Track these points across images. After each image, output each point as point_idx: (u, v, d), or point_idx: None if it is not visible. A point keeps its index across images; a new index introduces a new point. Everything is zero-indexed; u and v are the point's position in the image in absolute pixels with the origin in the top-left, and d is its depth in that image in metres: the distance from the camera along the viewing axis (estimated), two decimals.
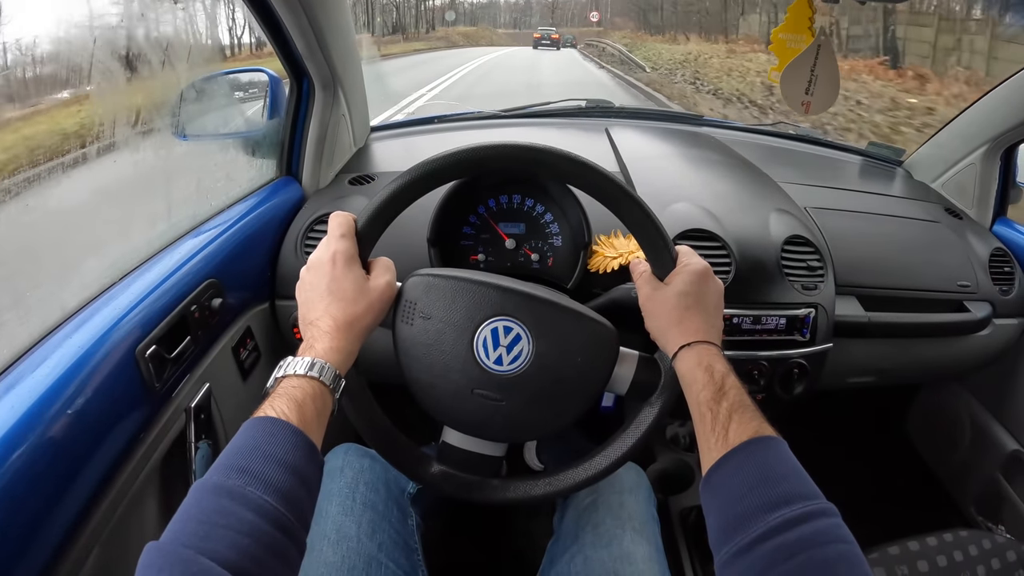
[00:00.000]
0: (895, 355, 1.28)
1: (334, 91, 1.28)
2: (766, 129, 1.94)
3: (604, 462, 0.80)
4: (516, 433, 0.84)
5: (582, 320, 0.77)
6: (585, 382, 0.78)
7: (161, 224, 1.03)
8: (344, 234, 0.74)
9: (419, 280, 0.77)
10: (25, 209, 0.88)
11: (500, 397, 0.75)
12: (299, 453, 0.57)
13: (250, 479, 0.53)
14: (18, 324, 0.76)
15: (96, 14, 0.99)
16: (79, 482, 0.71)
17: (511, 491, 0.82)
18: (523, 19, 67.56)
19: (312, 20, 1.09)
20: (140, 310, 0.84)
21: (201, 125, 1.29)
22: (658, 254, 0.80)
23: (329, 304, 0.70)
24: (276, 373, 0.65)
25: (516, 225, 1.13)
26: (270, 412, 0.59)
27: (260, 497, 0.52)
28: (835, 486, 1.11)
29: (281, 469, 0.54)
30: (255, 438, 0.57)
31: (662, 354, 0.81)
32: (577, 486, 0.81)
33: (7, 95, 0.98)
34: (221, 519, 0.50)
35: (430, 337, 0.75)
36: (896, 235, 1.34)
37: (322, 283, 0.71)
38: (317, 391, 0.63)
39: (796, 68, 1.07)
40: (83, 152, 0.98)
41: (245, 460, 0.54)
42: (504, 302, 0.74)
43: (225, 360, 1.04)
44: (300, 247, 1.17)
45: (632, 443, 0.80)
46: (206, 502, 0.51)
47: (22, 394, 0.67)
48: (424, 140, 1.63)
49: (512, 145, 0.77)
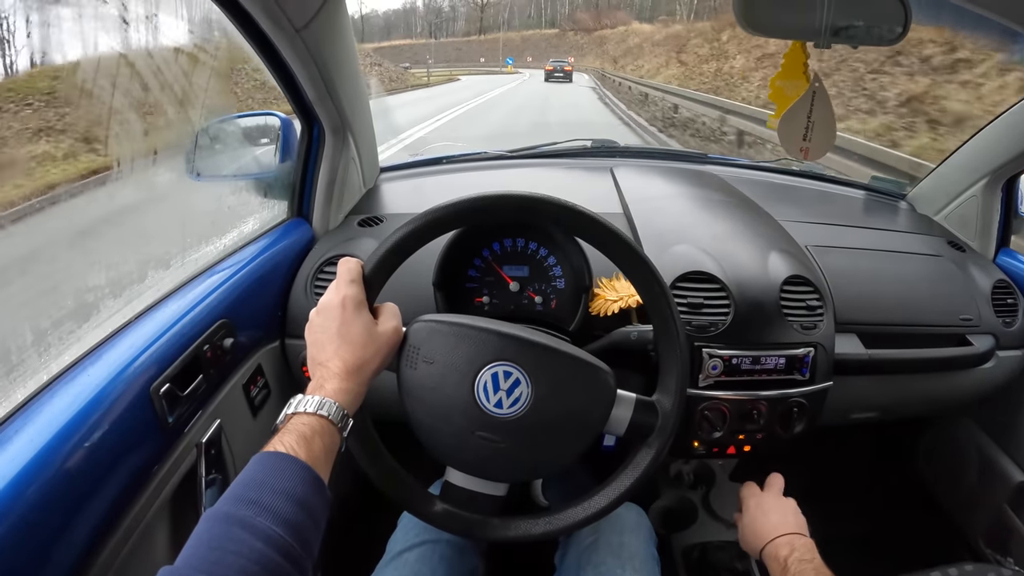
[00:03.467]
0: (897, 391, 1.28)
1: (344, 135, 1.31)
2: (769, 166, 1.95)
3: (603, 501, 0.82)
4: (516, 473, 0.86)
5: (579, 364, 0.79)
6: (583, 424, 0.80)
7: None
8: (353, 280, 0.76)
9: (423, 326, 0.79)
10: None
11: (500, 439, 0.77)
12: (307, 487, 0.59)
13: (259, 510, 0.55)
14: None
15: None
16: (92, 514, 0.72)
17: (511, 529, 0.83)
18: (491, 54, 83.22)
19: (322, 69, 1.13)
20: (155, 349, 0.86)
21: (215, 166, 1.33)
22: (652, 296, 0.82)
23: (339, 347, 0.72)
24: (286, 410, 0.67)
25: (520, 268, 1.16)
26: (280, 447, 0.61)
27: (269, 527, 0.54)
28: (844, 520, 1.11)
29: (289, 502, 0.56)
30: (265, 472, 0.59)
31: (660, 396, 0.83)
32: (576, 525, 0.83)
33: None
34: (232, 546, 0.52)
35: (433, 381, 0.77)
36: (898, 271, 1.34)
37: (332, 326, 0.73)
38: (325, 428, 0.65)
39: (793, 115, 1.09)
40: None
41: (255, 492, 0.56)
42: (504, 347, 0.77)
43: (236, 397, 1.06)
44: (310, 288, 1.19)
45: (630, 483, 0.82)
46: (217, 530, 0.53)
47: (40, 427, 0.69)
48: (432, 181, 1.66)
49: (511, 195, 0.80)
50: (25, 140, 1.10)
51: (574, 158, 1.87)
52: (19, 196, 0.96)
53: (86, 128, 1.10)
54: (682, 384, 0.83)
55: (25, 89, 1.07)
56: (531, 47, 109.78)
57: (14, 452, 0.66)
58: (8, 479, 0.63)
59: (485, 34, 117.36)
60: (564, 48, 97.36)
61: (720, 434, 1.08)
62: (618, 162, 1.77)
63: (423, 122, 12.55)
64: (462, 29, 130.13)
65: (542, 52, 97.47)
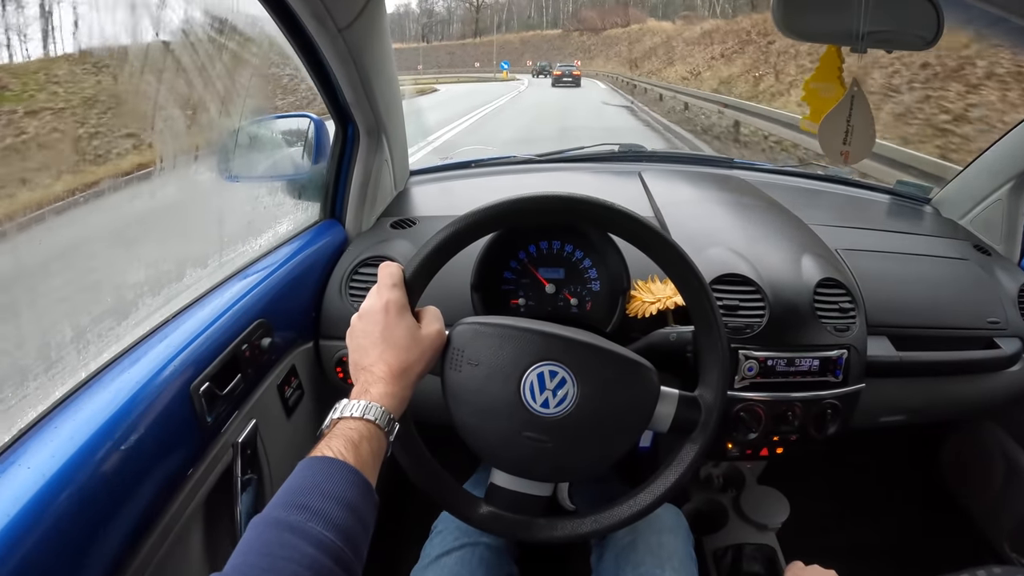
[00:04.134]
0: (926, 394, 1.28)
1: (378, 136, 1.32)
2: (795, 170, 1.95)
3: (648, 498, 0.82)
4: (563, 473, 0.86)
5: (624, 361, 0.79)
6: (628, 421, 0.80)
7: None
8: (395, 284, 0.76)
9: (466, 328, 0.79)
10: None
11: (547, 439, 0.77)
12: (356, 491, 0.59)
13: (310, 515, 0.54)
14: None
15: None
16: (129, 514, 0.72)
17: (558, 530, 0.83)
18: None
19: (360, 70, 1.14)
20: (194, 348, 0.86)
21: (249, 167, 1.34)
22: (692, 293, 0.83)
23: (383, 351, 0.72)
24: (332, 415, 0.67)
25: (556, 270, 1.16)
26: (327, 452, 0.61)
27: (320, 532, 0.54)
28: (869, 524, 1.10)
29: (339, 506, 0.56)
30: (314, 477, 0.59)
31: (702, 391, 0.83)
32: (622, 523, 0.82)
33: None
34: (283, 552, 0.51)
35: (478, 383, 0.77)
36: (925, 274, 1.34)
37: (375, 331, 0.73)
38: (372, 433, 0.65)
39: (832, 119, 1.09)
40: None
41: (305, 497, 0.56)
42: (549, 347, 0.77)
43: (271, 398, 1.06)
44: (344, 289, 1.20)
45: (675, 478, 0.81)
46: (268, 535, 0.53)
47: (79, 425, 0.69)
48: (461, 184, 1.66)
49: (551, 196, 0.80)
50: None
51: (601, 162, 1.87)
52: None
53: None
54: (724, 379, 0.83)
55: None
56: (532, 49, 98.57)
57: (53, 449, 0.66)
58: (47, 477, 0.63)
59: (481, 36, 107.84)
60: (569, 50, 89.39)
61: (755, 435, 1.07)
62: (645, 166, 1.77)
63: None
64: (458, 32, 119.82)
65: (543, 55, 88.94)
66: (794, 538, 1.44)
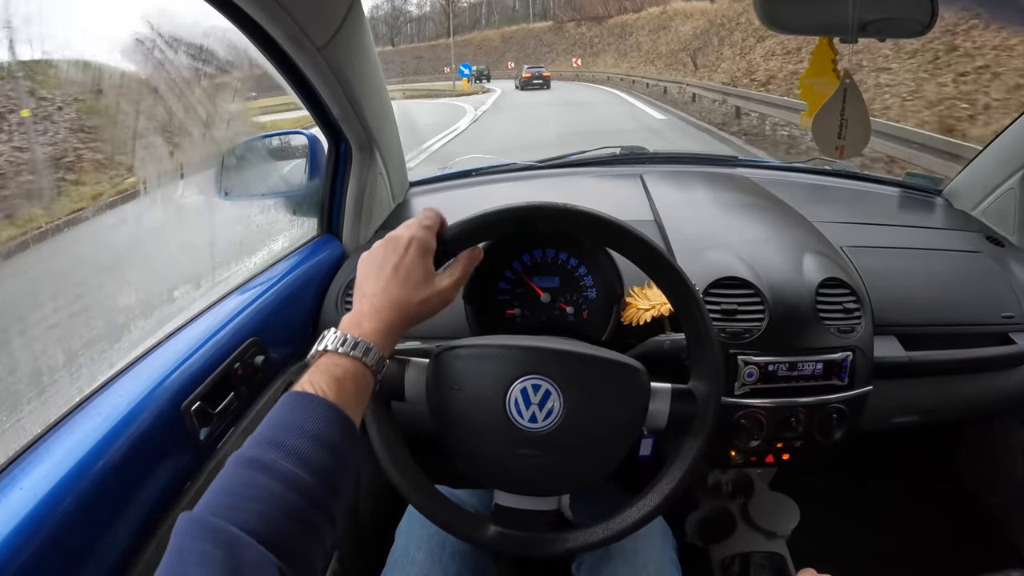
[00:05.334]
0: (940, 393, 1.24)
1: (370, 151, 1.32)
2: (801, 166, 1.92)
3: (657, 498, 0.80)
4: (564, 484, 0.84)
5: (607, 365, 0.78)
6: (622, 422, 0.79)
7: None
8: (429, 226, 0.74)
9: (444, 355, 0.78)
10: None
11: (540, 453, 0.76)
12: (334, 428, 0.58)
13: (283, 453, 0.54)
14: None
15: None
16: (123, 531, 0.73)
17: (570, 542, 0.82)
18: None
19: (345, 86, 1.14)
20: (186, 367, 0.87)
21: (243, 186, 1.35)
22: (680, 299, 0.81)
23: (390, 283, 0.70)
24: (317, 346, 0.66)
25: (551, 279, 1.14)
26: (308, 388, 0.60)
27: (290, 470, 0.53)
28: (887, 527, 1.08)
29: (314, 444, 0.56)
30: (291, 413, 0.58)
31: (695, 383, 0.82)
32: (633, 526, 0.81)
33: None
34: (251, 492, 0.51)
35: (463, 407, 0.77)
36: (936, 269, 1.30)
37: (391, 260, 0.71)
38: (358, 371, 0.64)
39: (826, 114, 1.07)
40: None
41: (280, 433, 0.56)
42: (528, 361, 0.75)
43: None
44: (340, 304, 1.20)
45: (680, 475, 0.80)
46: (238, 474, 0.53)
47: (72, 445, 0.70)
48: (462, 194, 1.66)
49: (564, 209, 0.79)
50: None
51: (603, 166, 1.86)
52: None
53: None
54: (716, 368, 0.81)
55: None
56: (515, 48, 76.53)
57: (47, 470, 0.67)
58: (40, 497, 0.63)
59: (456, 36, 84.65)
60: (563, 47, 66.45)
61: (757, 443, 1.05)
62: (647, 168, 1.76)
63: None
64: (431, 32, 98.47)
65: (531, 55, 68.10)
66: (805, 544, 1.40)
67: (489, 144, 11.47)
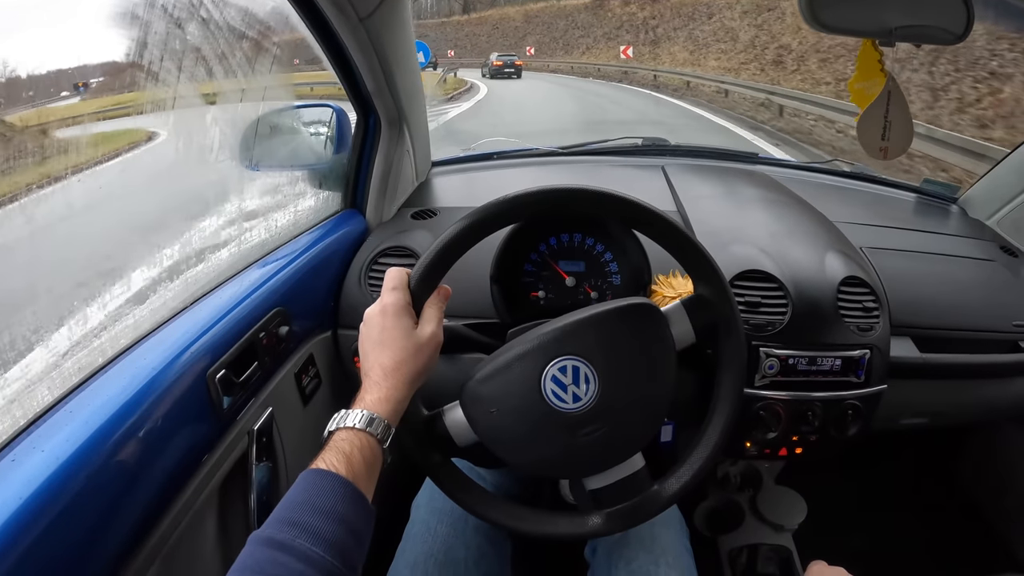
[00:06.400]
0: (950, 396, 1.25)
1: (400, 127, 1.32)
2: (821, 167, 1.92)
3: (716, 436, 0.83)
4: (633, 443, 0.83)
5: (615, 314, 0.79)
6: (656, 358, 0.79)
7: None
8: (395, 287, 0.77)
9: (467, 390, 0.79)
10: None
11: (598, 426, 0.76)
12: (346, 503, 0.61)
13: (299, 531, 0.57)
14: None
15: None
16: (142, 497, 0.73)
17: (669, 488, 0.83)
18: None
19: (382, 60, 1.14)
20: (212, 334, 0.87)
21: (270, 157, 1.34)
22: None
23: (379, 354, 0.73)
24: (329, 426, 0.69)
25: (576, 263, 1.15)
26: (321, 465, 0.63)
27: (308, 548, 0.56)
28: (887, 527, 1.08)
29: (328, 520, 0.58)
30: (306, 491, 0.61)
31: (700, 290, 0.84)
32: (696, 476, 0.82)
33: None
34: (273, 569, 0.54)
35: (510, 421, 0.77)
36: (951, 275, 1.31)
37: (373, 334, 0.75)
38: (365, 443, 0.66)
39: (869, 116, 1.08)
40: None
41: (296, 513, 0.59)
42: (545, 353, 0.76)
43: (288, 386, 1.07)
44: (364, 279, 1.20)
45: (734, 382, 0.83)
46: (260, 554, 0.56)
47: (96, 409, 0.70)
48: (483, 176, 1.66)
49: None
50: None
51: (625, 156, 1.86)
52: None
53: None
54: (716, 272, 0.82)
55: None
56: (539, 29, 49.39)
57: (68, 433, 0.66)
58: (61, 461, 0.63)
59: (470, 13, 63.52)
60: (605, 29, 39.06)
61: (774, 435, 1.06)
62: (669, 160, 1.76)
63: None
64: (445, 9, 74.53)
65: (557, 39, 45.32)
66: (811, 539, 1.42)
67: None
